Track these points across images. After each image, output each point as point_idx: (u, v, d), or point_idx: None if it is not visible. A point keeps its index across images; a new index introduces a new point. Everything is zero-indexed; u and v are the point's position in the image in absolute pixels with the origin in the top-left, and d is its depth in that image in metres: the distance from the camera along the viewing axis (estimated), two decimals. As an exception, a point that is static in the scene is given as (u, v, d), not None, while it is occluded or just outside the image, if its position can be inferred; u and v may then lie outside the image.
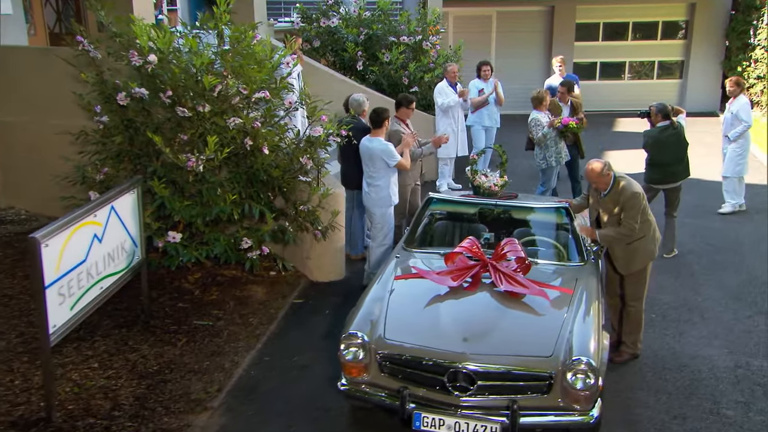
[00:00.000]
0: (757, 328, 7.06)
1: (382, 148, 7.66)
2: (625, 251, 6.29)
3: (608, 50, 18.67)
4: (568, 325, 5.20)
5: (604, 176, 6.19)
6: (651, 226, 6.34)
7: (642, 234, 6.24)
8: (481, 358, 4.91)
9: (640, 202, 6.13)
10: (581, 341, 5.03)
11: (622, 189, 6.15)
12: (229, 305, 7.33)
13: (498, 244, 5.97)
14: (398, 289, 5.74)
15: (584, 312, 5.39)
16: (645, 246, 6.29)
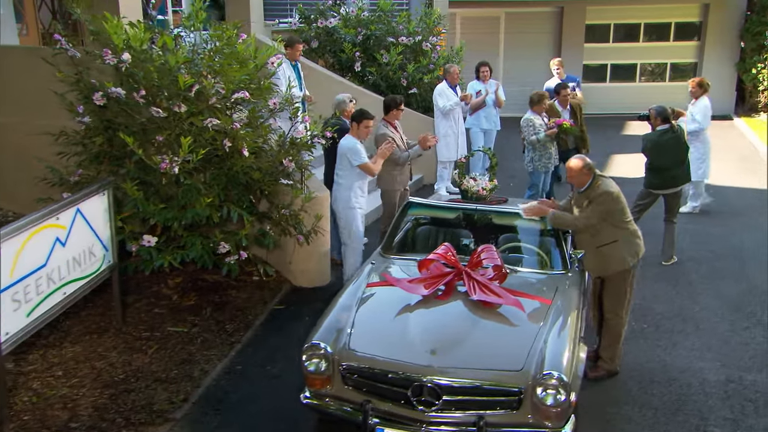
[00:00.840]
0: (753, 341, 6.75)
1: (349, 146, 7.49)
2: (596, 255, 6.02)
3: (619, 52, 18.32)
4: (542, 337, 4.95)
5: (583, 175, 5.99)
6: (626, 233, 6.02)
7: (613, 238, 5.95)
8: (447, 372, 4.68)
9: (609, 202, 5.89)
10: (554, 355, 4.78)
11: (596, 186, 5.93)
12: (206, 311, 7.12)
13: (474, 251, 5.72)
14: (368, 297, 5.51)
15: (561, 323, 5.14)
16: (615, 252, 5.97)
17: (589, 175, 5.98)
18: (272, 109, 7.63)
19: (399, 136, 8.20)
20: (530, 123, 9.44)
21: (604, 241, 5.97)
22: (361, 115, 7.60)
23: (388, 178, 8.05)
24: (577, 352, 4.99)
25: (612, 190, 5.92)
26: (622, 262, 6.02)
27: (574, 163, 6.04)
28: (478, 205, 6.65)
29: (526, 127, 9.46)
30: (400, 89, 11.86)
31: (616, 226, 5.98)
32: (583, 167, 5.98)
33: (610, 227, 5.96)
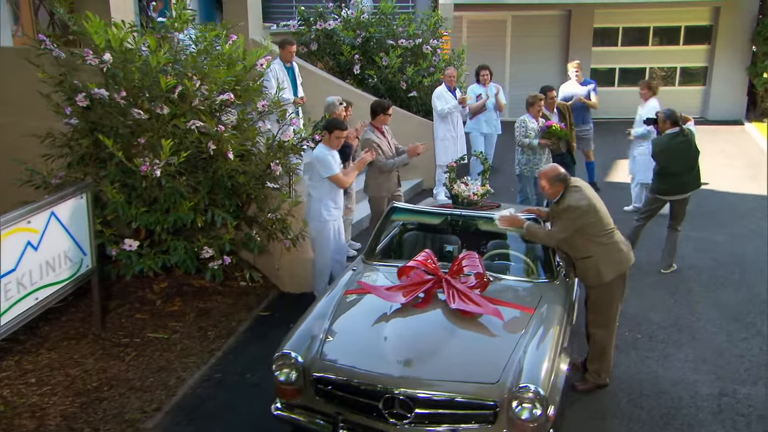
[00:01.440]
0: (750, 352, 6.52)
1: (319, 156, 7.12)
2: (576, 267, 5.83)
3: (628, 56, 18.04)
4: (521, 348, 4.76)
5: (554, 186, 5.74)
6: (601, 247, 5.70)
7: (587, 253, 5.68)
8: (419, 384, 4.50)
9: (576, 217, 5.58)
10: (532, 367, 4.59)
11: (565, 198, 5.69)
12: (189, 317, 6.98)
13: (456, 258, 5.54)
14: (345, 305, 5.35)
15: (542, 334, 4.94)
16: (591, 266, 5.71)
17: (561, 186, 5.72)
18: (261, 111, 7.52)
19: (386, 141, 8.02)
20: (523, 125, 9.21)
21: (579, 255, 5.74)
22: (332, 125, 7.25)
23: (374, 185, 7.89)
24: (558, 364, 4.80)
25: (578, 204, 5.61)
26: (597, 277, 5.73)
27: (542, 174, 5.81)
28: (462, 211, 6.44)
29: (519, 128, 9.23)
30: (399, 92, 11.72)
31: (590, 241, 5.67)
32: (552, 178, 5.73)
33: (583, 241, 5.67)
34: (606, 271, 5.70)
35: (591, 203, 5.68)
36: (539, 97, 9.41)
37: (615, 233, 5.82)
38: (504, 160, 12.56)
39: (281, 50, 9.40)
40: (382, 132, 8.04)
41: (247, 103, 7.46)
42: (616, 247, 5.78)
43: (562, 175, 5.73)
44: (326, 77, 11.46)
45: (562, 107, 10.22)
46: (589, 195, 5.78)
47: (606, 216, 5.80)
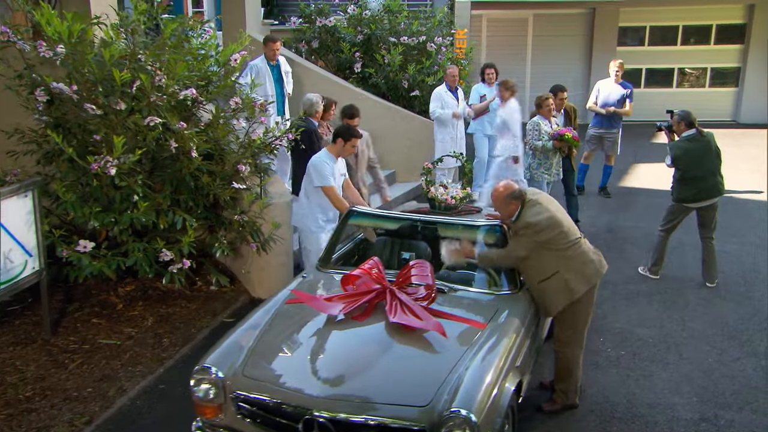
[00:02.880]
0: (741, 373, 5.98)
1: (315, 163, 6.67)
2: (538, 293, 5.30)
3: (655, 56, 17.41)
4: (462, 367, 4.31)
5: (509, 205, 5.24)
6: (569, 261, 5.22)
7: (554, 270, 5.20)
8: (341, 405, 4.09)
9: (533, 231, 5.11)
10: (469, 389, 4.14)
11: (524, 215, 5.20)
12: (147, 322, 6.67)
13: (404, 267, 5.12)
14: (282, 315, 4.96)
15: (488, 351, 4.49)
16: (560, 284, 5.22)
17: (517, 203, 5.23)
18: (235, 108, 7.22)
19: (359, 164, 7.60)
20: (536, 127, 8.70)
21: (546, 274, 5.22)
22: (350, 133, 6.72)
23: None
24: (502, 385, 4.35)
25: (538, 219, 5.12)
26: (568, 294, 5.24)
27: (495, 193, 5.31)
28: (424, 216, 6.02)
29: (531, 131, 8.73)
30: (401, 91, 11.32)
31: (556, 256, 5.19)
32: (506, 197, 5.23)
33: (549, 257, 5.18)
34: (577, 285, 5.24)
35: (552, 216, 5.20)
36: (547, 96, 8.92)
37: (582, 243, 5.35)
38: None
39: (264, 47, 9.07)
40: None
41: (225, 101, 7.17)
42: (585, 257, 5.32)
43: (516, 192, 5.23)
44: (325, 75, 11.11)
45: (570, 109, 9.70)
46: (550, 207, 5.30)
47: (571, 226, 5.33)
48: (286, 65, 9.45)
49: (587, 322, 5.45)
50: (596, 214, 10.33)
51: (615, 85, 10.66)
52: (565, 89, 9.44)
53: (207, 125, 7.08)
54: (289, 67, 9.52)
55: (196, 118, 7.14)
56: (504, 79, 9.81)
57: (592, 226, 9.68)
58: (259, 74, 8.89)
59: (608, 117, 10.63)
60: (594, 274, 5.34)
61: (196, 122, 7.09)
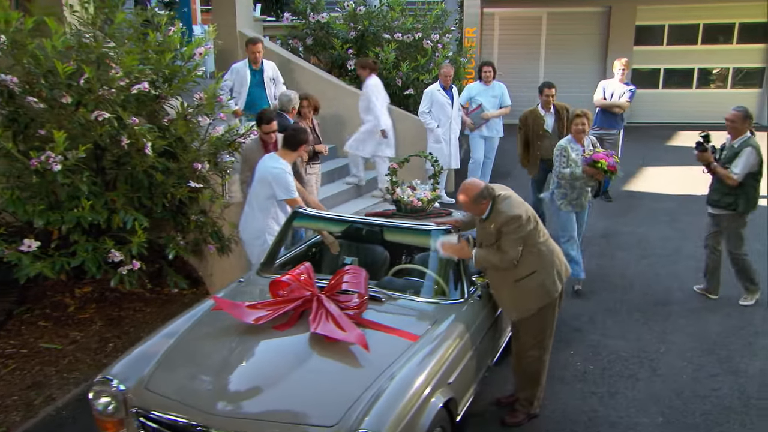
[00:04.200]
0: (715, 393, 5.54)
1: (275, 173, 6.07)
2: (512, 292, 4.98)
3: (674, 55, 16.79)
4: (381, 383, 3.97)
5: (480, 204, 4.88)
6: (545, 259, 4.97)
7: (532, 268, 4.91)
8: (239, 424, 3.77)
9: (515, 226, 4.78)
10: (383, 407, 3.79)
11: (498, 211, 4.84)
12: (96, 326, 6.43)
13: (335, 273, 4.78)
14: (202, 323, 4.67)
15: (414, 366, 4.14)
16: (536, 284, 4.94)
17: (488, 201, 4.88)
18: (198, 104, 6.97)
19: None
20: (563, 153, 7.17)
21: (523, 273, 4.92)
22: (299, 139, 6.22)
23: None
24: (425, 404, 4.00)
25: (518, 213, 4.80)
26: (546, 295, 4.98)
27: (462, 192, 4.93)
28: (371, 219, 5.68)
29: (559, 156, 7.19)
30: (395, 89, 10.97)
31: (532, 252, 4.92)
32: (477, 196, 4.85)
33: (525, 255, 4.90)
34: (552, 285, 5.00)
35: (526, 208, 4.92)
36: (578, 113, 7.24)
37: (551, 239, 5.12)
38: (504, 165, 11.73)
39: (246, 50, 8.70)
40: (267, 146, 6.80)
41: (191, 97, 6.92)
42: (555, 252, 5.11)
43: (485, 191, 4.86)
44: (316, 73, 10.81)
45: (560, 108, 9.19)
46: (521, 200, 4.99)
47: (540, 221, 5.07)
48: (274, 72, 8.94)
49: (554, 325, 5.16)
50: (594, 219, 9.83)
51: (620, 84, 10.20)
52: (553, 86, 8.92)
53: (171, 121, 6.84)
54: (278, 75, 9.01)
55: (163, 113, 6.92)
56: (362, 57, 9.47)
57: (588, 230, 9.18)
58: (238, 77, 8.54)
59: (608, 117, 10.15)
60: (565, 273, 5.14)
61: (160, 118, 6.88)
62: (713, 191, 6.97)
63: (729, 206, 6.85)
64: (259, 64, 8.65)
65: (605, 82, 10.50)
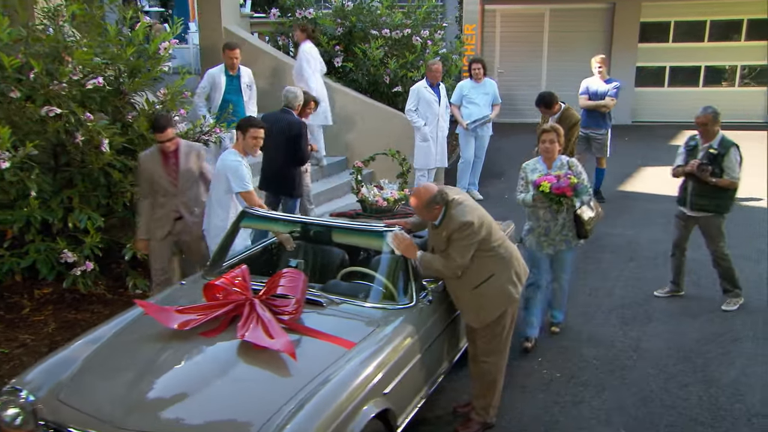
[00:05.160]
0: (684, 403, 5.25)
1: (231, 166, 5.79)
2: (472, 299, 4.74)
3: (680, 53, 16.38)
4: (305, 394, 3.72)
5: (432, 210, 4.62)
6: (502, 262, 4.74)
7: (489, 273, 4.68)
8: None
9: (467, 233, 4.54)
10: (305, 419, 3.55)
11: (451, 216, 4.60)
12: (48, 329, 6.25)
13: (274, 276, 4.55)
14: (130, 327, 4.47)
15: (344, 376, 3.90)
16: (496, 288, 4.71)
17: (441, 206, 4.63)
18: (162, 101, 6.81)
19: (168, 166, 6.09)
20: (521, 175, 6.06)
21: (480, 278, 4.69)
22: (247, 123, 5.94)
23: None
24: (358, 413, 3.77)
25: (471, 219, 4.56)
26: (507, 298, 4.77)
27: (414, 197, 4.68)
28: (319, 220, 5.47)
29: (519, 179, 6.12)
30: (382, 87, 10.74)
31: (488, 257, 4.69)
32: (428, 201, 4.60)
33: (481, 260, 4.67)
34: (513, 288, 4.79)
35: (480, 213, 4.69)
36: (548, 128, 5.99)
37: (507, 240, 4.88)
38: (497, 164, 11.48)
39: (222, 55, 8.41)
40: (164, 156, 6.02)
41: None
42: (513, 253, 4.87)
43: (438, 196, 4.61)
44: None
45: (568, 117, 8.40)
46: (474, 205, 4.75)
47: (496, 224, 4.86)
48: (249, 78, 8.61)
49: (512, 329, 4.93)
50: (582, 220, 9.57)
51: (600, 82, 9.89)
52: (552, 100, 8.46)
53: (134, 118, 6.67)
54: (253, 82, 8.69)
55: (128, 109, 6.77)
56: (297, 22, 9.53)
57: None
58: (214, 84, 8.29)
59: (594, 117, 9.84)
60: (524, 275, 4.93)
61: (125, 114, 6.72)
62: (699, 195, 6.68)
63: (717, 208, 6.64)
64: (236, 70, 8.37)
65: (587, 81, 10.20)
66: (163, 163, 5.92)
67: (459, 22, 15.16)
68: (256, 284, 4.58)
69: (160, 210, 6.01)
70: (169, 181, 5.92)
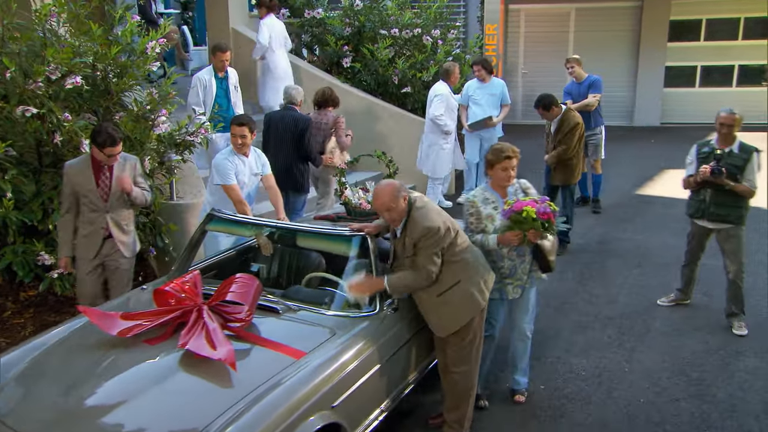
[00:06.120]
0: (673, 419, 4.94)
1: (217, 161, 6.09)
2: (438, 308, 4.50)
3: (712, 52, 15.80)
4: (241, 406, 3.52)
5: (398, 203, 4.34)
6: (469, 267, 4.50)
7: (455, 280, 4.44)
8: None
9: (435, 239, 4.31)
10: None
11: (414, 221, 4.36)
12: (26, 332, 6.16)
13: (226, 281, 4.37)
14: (78, 333, 4.33)
15: (287, 387, 3.70)
16: (462, 295, 4.47)
17: (406, 197, 4.38)
18: (151, 101, 6.69)
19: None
20: (471, 209, 4.92)
21: (446, 285, 4.45)
22: (231, 122, 6.16)
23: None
24: (299, 426, 3.57)
25: (435, 223, 4.32)
26: (475, 306, 4.52)
27: (378, 197, 4.40)
28: (285, 224, 5.27)
29: (466, 215, 4.97)
30: (391, 87, 10.51)
31: (454, 262, 4.46)
32: (393, 193, 4.33)
33: (448, 264, 4.44)
34: (480, 292, 4.54)
35: (444, 219, 4.45)
36: (506, 153, 4.79)
37: (472, 245, 4.62)
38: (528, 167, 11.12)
39: (213, 58, 8.29)
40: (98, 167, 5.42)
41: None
42: (478, 257, 4.63)
43: (402, 191, 4.38)
44: (309, 71, 10.43)
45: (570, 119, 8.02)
46: (437, 209, 4.53)
47: (460, 228, 4.61)
48: (236, 78, 8.47)
49: (482, 336, 4.69)
50: (592, 224, 9.24)
51: (576, 84, 9.55)
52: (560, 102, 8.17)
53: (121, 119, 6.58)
54: (238, 81, 8.53)
55: (115, 109, 6.67)
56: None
57: (581, 237, 8.61)
58: (204, 87, 8.14)
59: (584, 117, 9.32)
60: (491, 280, 4.67)
61: (113, 114, 6.63)
62: (718, 205, 6.09)
63: (740, 219, 6.10)
64: (224, 72, 8.24)
65: (566, 87, 9.87)
66: (95, 176, 5.35)
67: (480, 22, 14.86)
68: (212, 290, 4.40)
69: (88, 227, 5.42)
70: (99, 196, 5.36)
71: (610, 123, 15.25)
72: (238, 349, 3.97)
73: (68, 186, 5.38)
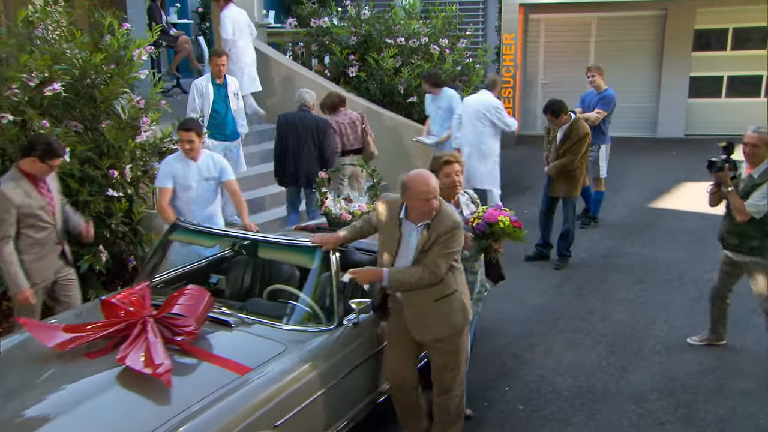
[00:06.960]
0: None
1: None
2: (432, 312, 4.24)
3: (739, 61, 15.30)
4: (173, 424, 3.35)
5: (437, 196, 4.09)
6: (463, 277, 4.35)
7: (453, 287, 4.22)
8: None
9: (459, 236, 4.15)
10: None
11: (444, 213, 4.12)
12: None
13: (174, 294, 4.21)
14: (21, 346, 4.19)
15: (225, 405, 3.52)
16: (456, 304, 4.25)
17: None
18: (140, 108, 6.64)
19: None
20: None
21: (444, 291, 4.21)
22: (179, 126, 6.10)
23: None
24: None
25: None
26: (463, 315, 4.31)
27: (426, 179, 4.07)
28: (240, 233, 5.10)
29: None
30: (396, 96, 10.33)
31: (456, 268, 4.27)
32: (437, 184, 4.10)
33: (451, 270, 4.22)
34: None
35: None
36: (447, 159, 4.63)
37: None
38: (517, 178, 10.91)
39: (209, 63, 8.17)
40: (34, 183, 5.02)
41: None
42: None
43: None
44: (313, 79, 10.27)
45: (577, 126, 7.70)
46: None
47: None
48: (236, 86, 8.31)
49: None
50: (599, 237, 8.93)
51: (593, 94, 9.24)
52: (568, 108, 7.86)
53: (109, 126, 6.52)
54: (239, 89, 8.40)
55: (103, 117, 6.61)
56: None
57: (585, 251, 8.32)
58: (201, 94, 8.02)
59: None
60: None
61: (100, 122, 6.57)
62: (729, 233, 5.51)
63: (754, 251, 5.40)
64: (222, 78, 8.09)
65: (584, 94, 9.56)
66: (37, 191, 4.97)
67: (498, 31, 14.66)
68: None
69: (38, 249, 4.99)
70: (48, 210, 5.00)
71: (632, 134, 15.03)
72: (180, 364, 3.82)
73: (10, 210, 4.79)
